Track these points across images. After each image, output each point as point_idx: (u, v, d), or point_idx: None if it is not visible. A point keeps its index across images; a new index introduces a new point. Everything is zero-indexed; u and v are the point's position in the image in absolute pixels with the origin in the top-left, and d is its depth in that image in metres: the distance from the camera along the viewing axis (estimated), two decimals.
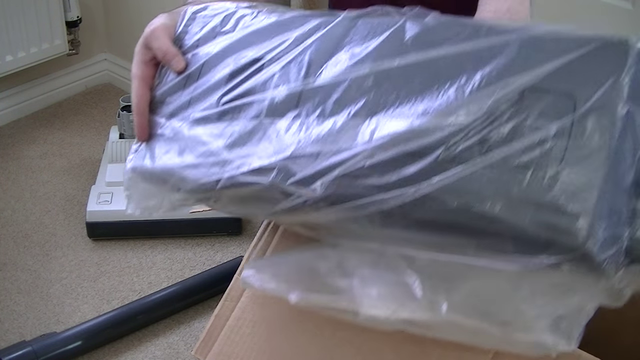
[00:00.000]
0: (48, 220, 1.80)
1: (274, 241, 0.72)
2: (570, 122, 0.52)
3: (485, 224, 0.52)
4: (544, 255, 0.51)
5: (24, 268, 1.65)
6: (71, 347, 1.42)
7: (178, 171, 0.63)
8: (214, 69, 0.66)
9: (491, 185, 0.52)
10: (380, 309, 0.59)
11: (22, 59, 2.02)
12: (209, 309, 1.57)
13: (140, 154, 0.67)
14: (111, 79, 2.39)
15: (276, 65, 0.62)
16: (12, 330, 1.49)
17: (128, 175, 0.68)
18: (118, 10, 2.24)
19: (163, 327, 1.53)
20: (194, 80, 0.67)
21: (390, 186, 0.54)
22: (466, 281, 0.58)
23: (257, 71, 0.63)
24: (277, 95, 0.61)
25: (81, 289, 1.60)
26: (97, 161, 1.95)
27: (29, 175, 1.95)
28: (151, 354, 1.46)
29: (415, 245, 0.57)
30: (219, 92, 0.64)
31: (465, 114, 0.53)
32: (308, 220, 0.60)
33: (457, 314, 0.57)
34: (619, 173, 0.51)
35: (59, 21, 2.06)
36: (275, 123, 0.60)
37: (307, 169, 0.56)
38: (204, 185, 0.61)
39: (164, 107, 0.68)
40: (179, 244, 1.74)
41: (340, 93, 0.58)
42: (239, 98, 0.63)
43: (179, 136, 0.65)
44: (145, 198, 0.68)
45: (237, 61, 0.65)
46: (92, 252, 1.70)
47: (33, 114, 2.21)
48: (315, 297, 0.60)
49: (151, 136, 0.68)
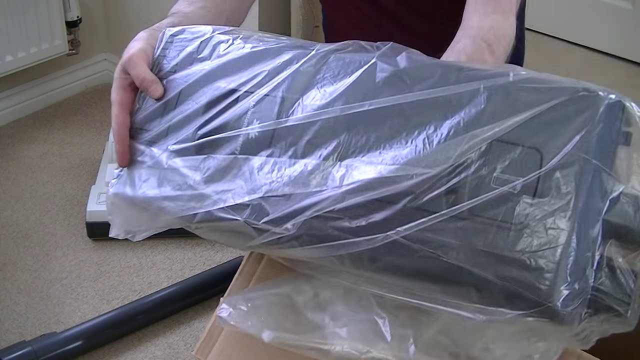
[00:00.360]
0: (48, 220, 1.80)
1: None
2: (536, 178, 0.52)
3: (450, 273, 0.53)
4: (508, 308, 0.52)
5: (24, 268, 1.65)
6: (71, 347, 1.42)
7: (157, 202, 0.66)
8: (191, 98, 0.68)
9: (457, 237, 0.53)
10: (351, 348, 0.61)
11: (22, 59, 2.02)
12: (209, 309, 1.57)
13: (121, 180, 0.70)
14: (111, 79, 2.37)
15: (250, 99, 0.65)
16: (12, 330, 1.49)
17: (110, 200, 0.71)
18: (118, 10, 2.24)
19: (163, 327, 1.53)
20: (172, 109, 0.69)
21: (359, 230, 0.56)
22: (435, 320, 0.60)
23: (232, 104, 0.66)
24: (251, 133, 0.63)
25: (81, 289, 1.60)
26: (97, 161, 1.95)
27: (29, 175, 1.95)
28: (151, 354, 1.46)
29: (384, 288, 0.59)
30: (195, 123, 0.67)
31: (433, 164, 0.54)
32: (283, 254, 0.63)
33: (425, 355, 0.59)
34: (584, 228, 0.52)
35: (59, 21, 2.06)
36: (250, 160, 0.63)
37: (279, 210, 0.59)
38: (183, 218, 0.65)
39: (143, 133, 0.70)
40: (179, 244, 1.74)
41: (312, 134, 0.60)
42: (215, 132, 0.65)
43: (158, 165, 0.68)
44: (128, 222, 0.71)
45: (213, 92, 0.67)
46: (92, 252, 1.70)
47: (33, 114, 2.21)
48: (288, 337, 0.63)
49: (132, 162, 0.70)
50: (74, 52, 2.18)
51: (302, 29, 1.77)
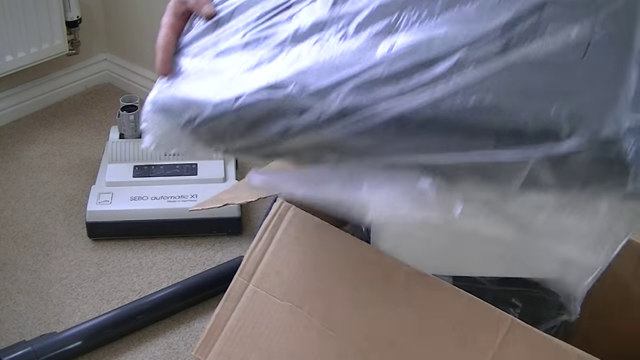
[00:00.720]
0: (48, 220, 1.80)
1: (274, 242, 0.72)
2: (591, 23, 0.51)
3: (505, 117, 0.52)
4: (566, 141, 0.50)
5: (24, 268, 1.65)
6: (71, 347, 1.42)
7: (196, 97, 0.63)
8: (244, 12, 0.66)
9: (513, 79, 0.52)
10: (391, 210, 0.59)
11: (22, 59, 2.02)
12: (209, 309, 1.57)
13: (159, 87, 0.67)
14: (111, 79, 2.39)
15: (304, 2, 0.63)
16: (12, 330, 1.49)
17: (147, 107, 0.67)
18: (118, 10, 2.24)
19: (163, 327, 1.53)
20: (224, 24, 0.67)
21: (407, 90, 0.54)
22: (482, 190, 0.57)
23: (285, 9, 0.64)
24: (303, 25, 0.61)
25: (81, 289, 1.60)
26: (97, 161, 1.95)
27: (29, 175, 1.95)
28: (151, 354, 1.46)
29: (431, 150, 0.56)
30: (245, 29, 0.64)
31: (487, 21, 0.53)
32: (321, 140, 0.59)
33: (473, 217, 0.57)
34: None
35: (59, 21, 2.06)
36: (297, 45, 0.60)
37: (323, 81, 0.56)
38: (221, 106, 0.61)
39: (189, 48, 0.68)
40: (179, 244, 1.74)
41: (364, 17, 0.59)
42: (264, 30, 0.63)
43: (201, 69, 0.65)
44: (161, 132, 0.67)
45: (266, 4, 0.65)
46: (92, 252, 1.70)
47: (33, 114, 2.21)
48: (324, 191, 0.60)
49: (173, 73, 0.67)
50: (74, 52, 2.18)
51: None
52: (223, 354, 0.70)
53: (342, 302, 0.68)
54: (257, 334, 0.69)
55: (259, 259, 0.72)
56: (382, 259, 0.68)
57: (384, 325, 0.66)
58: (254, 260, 0.73)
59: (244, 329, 0.70)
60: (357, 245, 0.70)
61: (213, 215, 1.71)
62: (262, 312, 0.70)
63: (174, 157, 1.82)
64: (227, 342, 0.70)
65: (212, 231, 1.76)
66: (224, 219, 1.74)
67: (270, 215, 0.74)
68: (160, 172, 1.79)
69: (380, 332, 0.66)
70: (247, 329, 0.70)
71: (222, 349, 0.70)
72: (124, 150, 1.81)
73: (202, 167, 1.81)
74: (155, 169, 1.79)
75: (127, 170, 1.79)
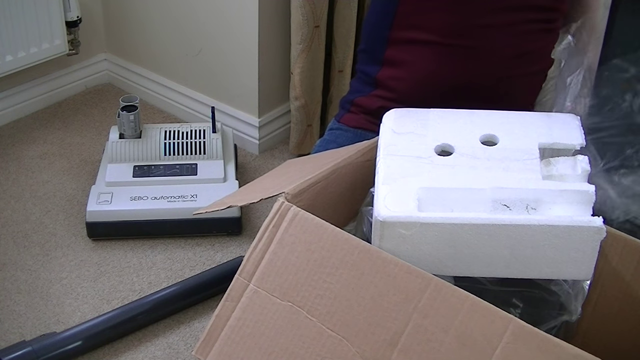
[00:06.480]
0: (48, 220, 1.80)
1: (274, 242, 0.72)
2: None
3: None
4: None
5: (24, 268, 1.65)
6: (71, 347, 1.42)
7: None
8: None
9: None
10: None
11: (22, 59, 2.02)
12: (209, 309, 1.57)
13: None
14: (111, 79, 2.39)
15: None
16: (12, 330, 1.49)
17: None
18: (118, 10, 2.23)
19: (163, 327, 1.53)
20: None
21: None
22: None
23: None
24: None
25: (81, 289, 1.60)
26: (97, 161, 1.95)
27: (29, 175, 1.95)
28: (151, 354, 1.46)
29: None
30: None
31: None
32: None
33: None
34: None
35: (59, 21, 2.06)
36: None
37: None
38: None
39: None
40: (179, 244, 1.74)
41: None
42: None
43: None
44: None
45: None
46: (92, 252, 1.70)
47: (33, 114, 2.21)
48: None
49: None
50: (74, 52, 2.17)
51: (302, 29, 1.76)
52: (223, 354, 0.70)
53: (342, 302, 0.68)
54: (258, 334, 0.69)
55: (260, 259, 0.72)
56: (382, 258, 0.68)
57: (384, 326, 0.66)
58: (255, 260, 0.73)
59: (244, 329, 0.70)
60: (358, 245, 0.70)
61: (213, 215, 1.71)
62: (262, 312, 0.70)
63: (174, 157, 1.82)
64: (227, 342, 0.70)
65: (212, 231, 1.76)
66: (224, 219, 1.74)
67: (270, 215, 0.74)
68: (160, 172, 1.79)
69: (380, 332, 0.66)
70: (248, 329, 0.70)
71: (222, 348, 0.70)
72: (123, 150, 1.81)
73: (202, 167, 1.81)
74: (155, 169, 1.79)
75: (127, 170, 1.79)
